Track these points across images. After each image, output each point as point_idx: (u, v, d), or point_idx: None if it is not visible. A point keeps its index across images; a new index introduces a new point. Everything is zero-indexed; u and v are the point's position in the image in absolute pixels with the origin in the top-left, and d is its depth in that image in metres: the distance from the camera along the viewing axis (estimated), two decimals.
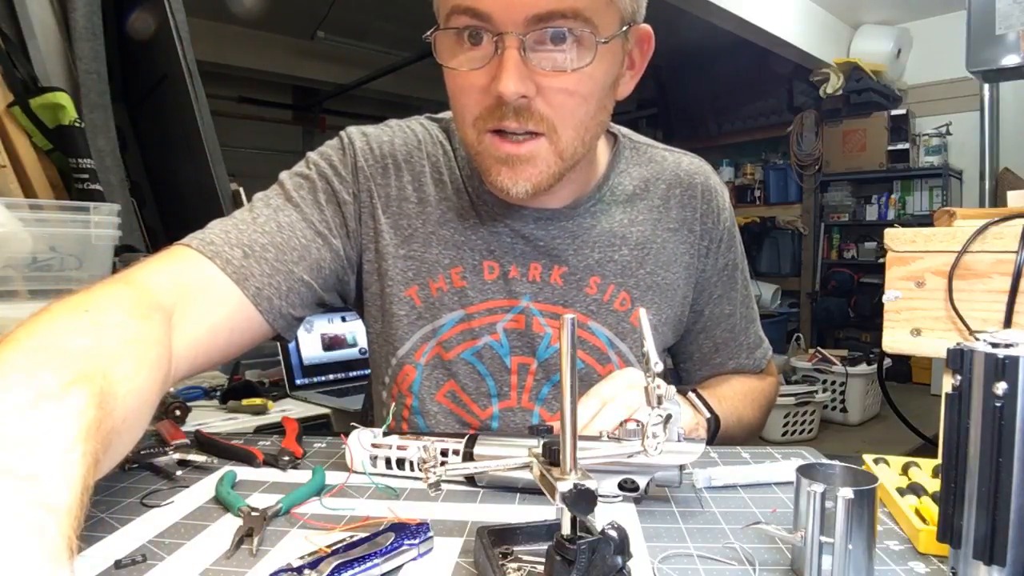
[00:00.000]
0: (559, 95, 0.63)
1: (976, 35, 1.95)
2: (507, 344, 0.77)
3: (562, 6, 0.59)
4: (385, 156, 0.79)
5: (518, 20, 0.59)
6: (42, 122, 1.56)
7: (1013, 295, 0.60)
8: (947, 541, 0.39)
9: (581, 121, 0.67)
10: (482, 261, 0.77)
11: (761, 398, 0.89)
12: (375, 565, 0.42)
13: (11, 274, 1.30)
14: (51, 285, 1.35)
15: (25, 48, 1.68)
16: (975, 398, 0.37)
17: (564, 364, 0.37)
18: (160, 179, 2.31)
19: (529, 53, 0.61)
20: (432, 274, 0.77)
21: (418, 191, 0.78)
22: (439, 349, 0.77)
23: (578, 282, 0.78)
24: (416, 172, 0.79)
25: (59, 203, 1.47)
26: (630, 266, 0.79)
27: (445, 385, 0.78)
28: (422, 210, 0.78)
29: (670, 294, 0.82)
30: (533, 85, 0.62)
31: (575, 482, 0.37)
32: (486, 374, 0.77)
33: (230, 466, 0.63)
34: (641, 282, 0.80)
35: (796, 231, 5.13)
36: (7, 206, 1.26)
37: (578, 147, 0.69)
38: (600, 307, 0.78)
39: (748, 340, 0.90)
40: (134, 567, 0.43)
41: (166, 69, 1.98)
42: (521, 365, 0.77)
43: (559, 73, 0.62)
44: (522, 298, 0.77)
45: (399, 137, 0.81)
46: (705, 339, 0.89)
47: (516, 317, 0.77)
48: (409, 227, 0.78)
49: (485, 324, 0.77)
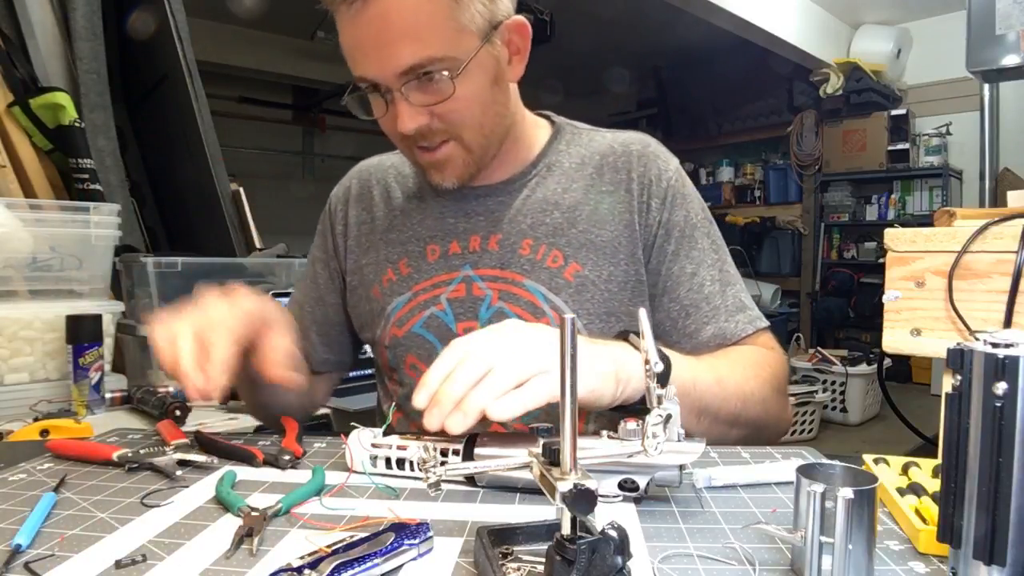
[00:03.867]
0: (448, 113, 0.77)
1: (976, 35, 1.95)
2: (451, 312, 0.87)
3: (416, 59, 0.72)
4: (345, 199, 0.99)
5: (390, 78, 0.74)
6: (42, 122, 1.56)
7: (1013, 295, 0.60)
8: (947, 541, 0.39)
9: (476, 121, 0.80)
10: (425, 247, 0.89)
11: (755, 366, 0.81)
12: (375, 565, 0.42)
13: (11, 274, 1.30)
14: (51, 285, 1.35)
15: (25, 48, 1.68)
16: (975, 398, 0.37)
17: (564, 364, 0.37)
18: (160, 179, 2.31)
19: (411, 95, 0.75)
20: (383, 270, 0.91)
21: (369, 212, 0.96)
22: (394, 329, 0.89)
23: (512, 245, 0.86)
24: (366, 199, 0.97)
25: (59, 203, 1.47)
26: (561, 227, 0.87)
27: (407, 358, 0.89)
28: (373, 226, 0.95)
29: (609, 251, 0.86)
30: (424, 116, 0.76)
31: (575, 482, 0.37)
32: (436, 341, 0.86)
33: (230, 466, 0.63)
34: (573, 240, 0.86)
35: (796, 231, 5.13)
36: (7, 206, 1.26)
37: (483, 139, 0.82)
38: (534, 265, 0.85)
39: (726, 303, 0.86)
40: (134, 567, 0.43)
41: (166, 69, 1.98)
42: (467, 329, 0.84)
43: (440, 100, 0.75)
44: (462, 268, 0.87)
45: (355, 178, 1.00)
46: (670, 302, 0.87)
47: (457, 287, 0.87)
48: (367, 241, 0.95)
49: (430, 298, 0.88)
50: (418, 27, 0.72)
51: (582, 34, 4.42)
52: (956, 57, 2.31)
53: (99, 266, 1.43)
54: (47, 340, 1.28)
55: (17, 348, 1.26)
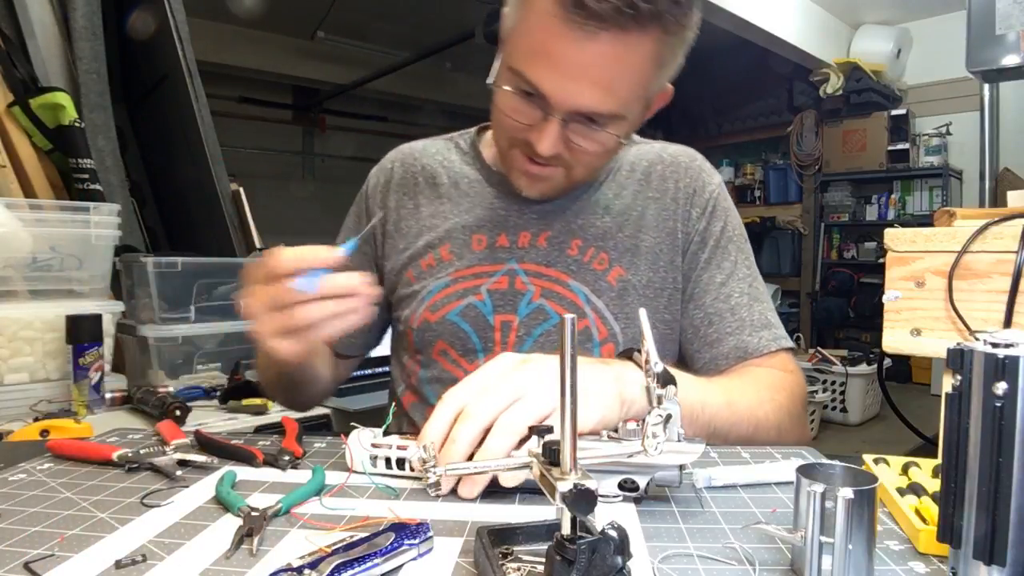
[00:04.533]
0: (582, 153, 0.77)
1: (976, 35, 1.95)
2: (490, 303, 0.86)
3: (600, 109, 0.72)
4: (387, 182, 0.97)
5: (565, 108, 0.72)
6: (42, 122, 1.56)
7: (1013, 295, 0.60)
8: (947, 541, 0.39)
9: (596, 165, 0.83)
10: (471, 235, 0.89)
11: (770, 389, 0.78)
12: (375, 565, 0.42)
13: (11, 274, 1.30)
14: (51, 285, 1.35)
15: (25, 48, 1.69)
16: (975, 398, 0.37)
17: (564, 364, 0.37)
18: (160, 179, 2.31)
19: (568, 127, 0.73)
20: (423, 255, 0.90)
21: (413, 198, 0.95)
22: (427, 313, 0.87)
23: (561, 244, 0.87)
24: (409, 185, 0.96)
25: (59, 203, 1.47)
26: (610, 231, 0.88)
27: (437, 344, 0.88)
28: (416, 212, 0.94)
29: (651, 257, 0.88)
30: (563, 146, 0.75)
31: (575, 482, 0.37)
32: (470, 331, 0.86)
33: (230, 466, 0.63)
34: (619, 244, 0.87)
35: (796, 231, 5.13)
36: (7, 206, 1.26)
37: (588, 175, 0.85)
38: (580, 266, 0.86)
39: (751, 317, 0.85)
40: (134, 567, 0.43)
41: (166, 69, 1.98)
42: (504, 323, 0.85)
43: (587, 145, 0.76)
44: (508, 262, 0.87)
45: (398, 161, 0.98)
46: (695, 309, 0.87)
47: (500, 279, 0.87)
48: (406, 227, 0.93)
49: (470, 286, 0.87)
50: (619, 81, 0.71)
51: None
52: (956, 57, 2.31)
53: (99, 266, 1.43)
54: (47, 340, 1.28)
55: (17, 348, 1.26)
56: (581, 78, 0.70)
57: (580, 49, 0.68)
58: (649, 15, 0.67)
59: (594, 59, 0.68)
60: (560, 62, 0.69)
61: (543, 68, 0.70)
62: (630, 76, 0.71)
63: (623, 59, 0.69)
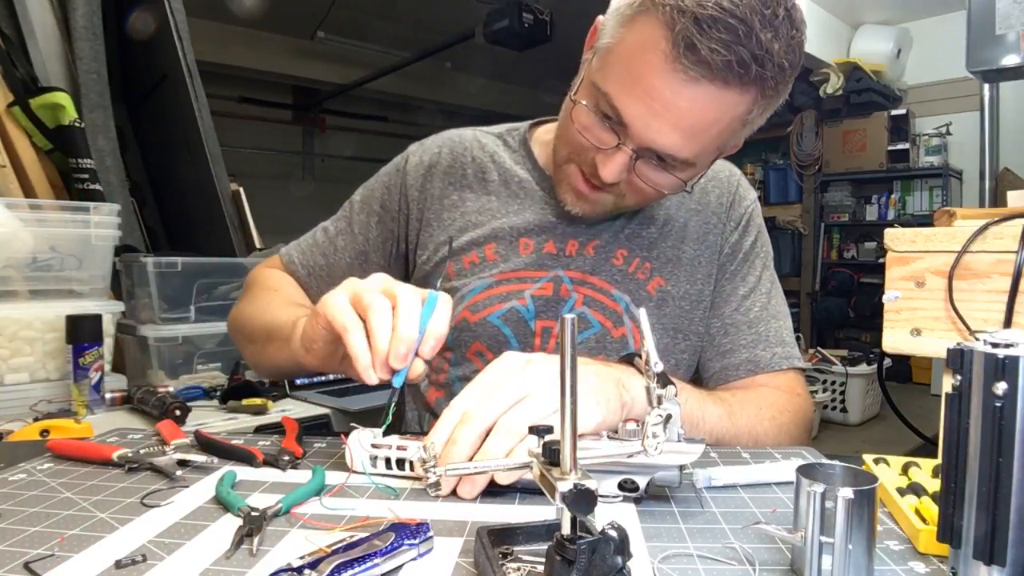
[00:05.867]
0: (642, 188, 0.76)
1: (976, 35, 1.95)
2: (533, 309, 0.85)
3: (679, 154, 0.71)
4: (431, 166, 0.94)
5: (641, 143, 0.71)
6: (42, 122, 1.56)
7: (1013, 295, 0.60)
8: (947, 541, 0.39)
9: (648, 202, 0.83)
10: (518, 238, 0.88)
11: (772, 408, 0.79)
12: (375, 565, 0.42)
13: (11, 274, 1.30)
14: (51, 285, 1.35)
15: (25, 48, 1.69)
16: (975, 398, 0.37)
17: (564, 363, 0.37)
18: (160, 179, 2.31)
19: (638, 165, 0.73)
20: (466, 252, 0.89)
21: (459, 190, 0.92)
22: (466, 312, 0.86)
23: (607, 253, 0.87)
24: (457, 175, 0.93)
25: (59, 203, 1.47)
26: (655, 241, 0.88)
27: (473, 344, 0.86)
28: (461, 205, 0.91)
29: (690, 268, 0.88)
30: (624, 175, 0.74)
31: (575, 482, 0.37)
32: (511, 336, 0.85)
33: (230, 466, 0.63)
34: (661, 255, 0.88)
35: (796, 231, 5.13)
36: (7, 206, 1.26)
37: (637, 207, 0.85)
38: (624, 276, 0.87)
39: (768, 333, 0.87)
40: (134, 567, 0.43)
41: (166, 69, 1.98)
42: (545, 329, 0.85)
43: (650, 183, 0.75)
44: (554, 269, 0.86)
45: (446, 147, 0.95)
46: (713, 317, 0.89)
47: (545, 285, 0.86)
48: (448, 219, 0.91)
49: (514, 290, 0.86)
50: (704, 132, 0.70)
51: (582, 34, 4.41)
52: (956, 57, 2.31)
53: (99, 266, 1.43)
54: (47, 340, 1.28)
55: (17, 348, 1.26)
56: (669, 119, 0.68)
57: (677, 93, 0.66)
58: (755, 77, 0.65)
59: (689, 105, 0.67)
60: (653, 97, 0.67)
61: (634, 98, 0.69)
62: (717, 129, 0.70)
63: (716, 112, 0.68)
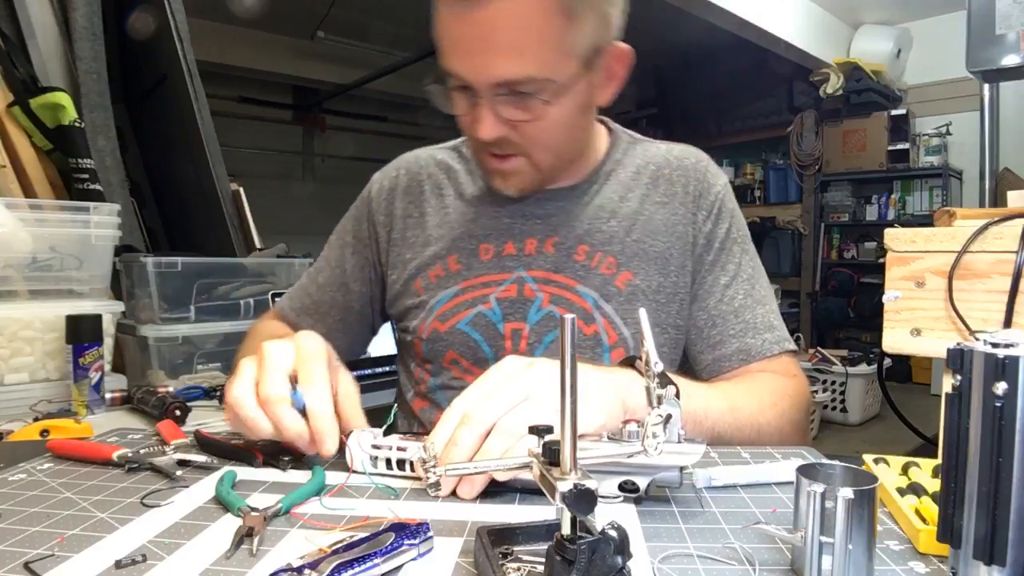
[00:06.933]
0: (529, 130, 0.76)
1: (976, 35, 1.95)
2: (500, 312, 0.86)
3: (515, 76, 0.70)
4: (391, 189, 0.97)
5: (483, 85, 0.72)
6: (42, 122, 1.55)
7: (1013, 295, 0.60)
8: (947, 541, 0.39)
9: (554, 144, 0.79)
10: (478, 245, 0.89)
11: (772, 394, 0.79)
12: (375, 565, 0.42)
13: (11, 274, 1.30)
14: (51, 285, 1.35)
15: (25, 48, 1.68)
16: (975, 398, 0.37)
17: (564, 363, 0.37)
18: (160, 179, 2.31)
19: (499, 107, 0.73)
20: (430, 265, 0.90)
21: (418, 206, 0.94)
22: (436, 323, 0.87)
23: (568, 250, 0.86)
24: (415, 193, 0.95)
25: (59, 203, 1.47)
26: (617, 235, 0.87)
27: (447, 354, 0.88)
28: (422, 221, 0.93)
29: (660, 262, 0.87)
30: (505, 127, 0.75)
31: (575, 482, 0.37)
32: (481, 340, 0.86)
33: (230, 466, 0.63)
34: (627, 248, 0.87)
35: (796, 231, 5.14)
36: (7, 206, 1.26)
37: (555, 159, 0.82)
38: (588, 272, 0.86)
39: (755, 320, 0.86)
40: (134, 567, 0.43)
41: (166, 69, 1.98)
42: (514, 331, 0.85)
43: (527, 120, 0.74)
44: (516, 270, 0.87)
45: (403, 169, 0.98)
46: (699, 311, 0.87)
47: (509, 287, 0.86)
48: (412, 236, 0.93)
49: (479, 296, 0.87)
50: (525, 42, 0.69)
51: None
52: (956, 57, 2.31)
53: (99, 266, 1.43)
54: (47, 340, 1.28)
55: (17, 348, 1.26)
56: (484, 50, 0.70)
57: (471, 23, 0.68)
58: None
59: (488, 27, 0.68)
60: (460, 41, 0.71)
61: (451, 55, 0.72)
62: (532, 33, 0.69)
63: (516, 18, 0.68)
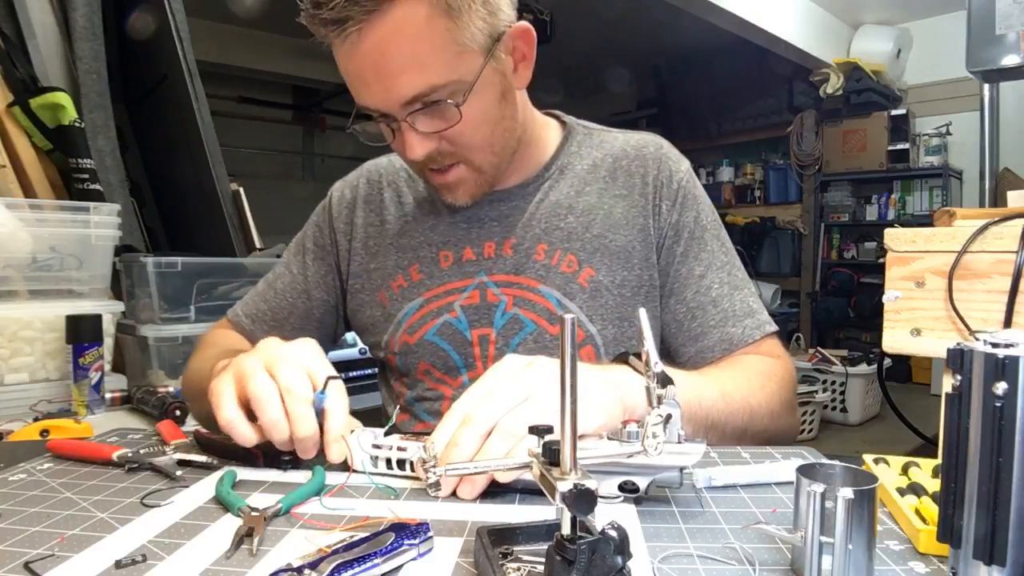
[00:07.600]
0: (457, 137, 0.75)
1: (976, 35, 1.95)
2: (465, 319, 0.86)
3: (419, 89, 0.70)
4: (352, 198, 0.96)
5: (394, 108, 0.72)
6: (42, 122, 1.55)
7: (1013, 295, 0.60)
8: (947, 541, 0.39)
9: (485, 141, 0.78)
10: (438, 252, 0.88)
11: (760, 376, 0.79)
12: (375, 565, 0.42)
13: (11, 274, 1.30)
14: (51, 285, 1.35)
15: (25, 48, 1.68)
16: (975, 398, 0.37)
17: (564, 363, 0.37)
18: (160, 179, 2.30)
19: (417, 124, 0.73)
20: (392, 276, 0.90)
21: (379, 215, 0.94)
22: (405, 336, 0.87)
23: (527, 250, 0.86)
24: (375, 202, 0.95)
25: (59, 203, 1.46)
26: (576, 231, 0.86)
27: (419, 365, 0.88)
28: (382, 230, 0.93)
29: (623, 256, 0.85)
30: (433, 141, 0.75)
31: (575, 482, 0.37)
32: (449, 349, 0.86)
33: (230, 466, 0.63)
34: (587, 245, 0.85)
35: (796, 231, 5.13)
36: (7, 206, 1.26)
37: (494, 157, 0.81)
38: (548, 270, 0.85)
39: (734, 307, 0.84)
40: (134, 567, 0.43)
41: (166, 69, 1.97)
42: (481, 336, 0.85)
43: (448, 126, 0.73)
44: (477, 275, 0.86)
45: (364, 177, 0.98)
46: (676, 304, 0.86)
47: (471, 294, 0.86)
48: (374, 246, 0.93)
49: (443, 305, 0.86)
50: (418, 55, 0.69)
51: (582, 34, 4.42)
52: (956, 57, 2.31)
53: (99, 266, 1.43)
54: (47, 340, 1.28)
55: (17, 348, 1.26)
56: (383, 77, 0.70)
57: (362, 55, 0.69)
58: None
59: (377, 54, 0.69)
60: (361, 75, 0.71)
61: (358, 90, 0.73)
62: (421, 44, 0.68)
63: (400, 36, 0.68)
